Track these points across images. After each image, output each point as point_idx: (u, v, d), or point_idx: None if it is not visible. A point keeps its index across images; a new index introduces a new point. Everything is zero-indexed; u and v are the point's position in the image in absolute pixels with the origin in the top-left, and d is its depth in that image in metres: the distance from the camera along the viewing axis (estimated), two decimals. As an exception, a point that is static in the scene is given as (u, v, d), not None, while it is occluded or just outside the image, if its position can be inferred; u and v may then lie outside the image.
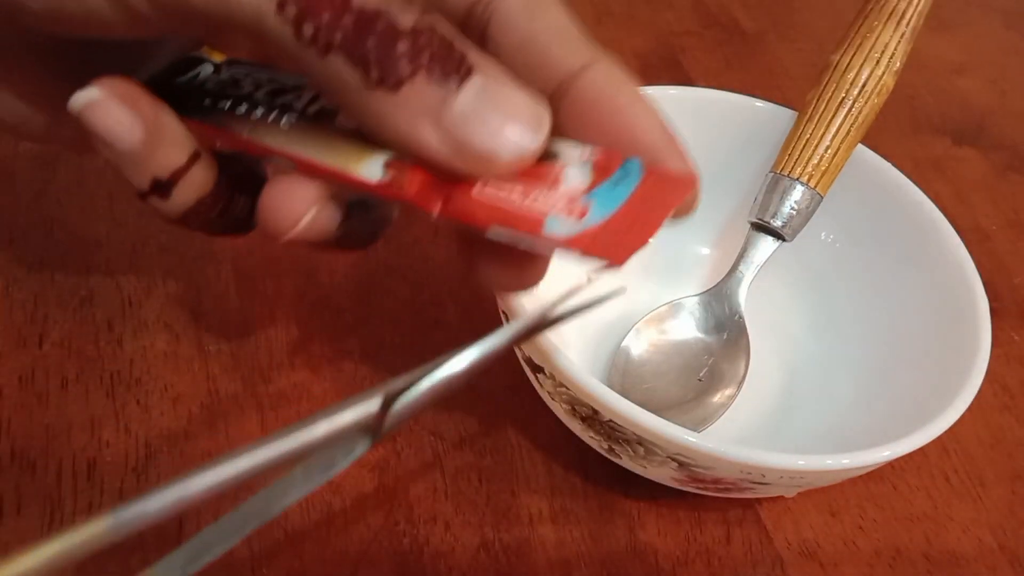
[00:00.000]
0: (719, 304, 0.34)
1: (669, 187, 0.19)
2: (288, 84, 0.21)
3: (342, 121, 0.19)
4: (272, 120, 0.20)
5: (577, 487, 0.31)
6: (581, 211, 0.18)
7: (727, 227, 0.37)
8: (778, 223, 0.33)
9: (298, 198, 0.19)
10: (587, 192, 0.18)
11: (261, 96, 0.20)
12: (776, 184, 0.33)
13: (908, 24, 0.33)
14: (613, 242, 0.18)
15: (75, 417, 0.31)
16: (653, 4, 0.53)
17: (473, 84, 0.17)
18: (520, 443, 0.32)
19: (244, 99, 0.21)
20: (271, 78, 0.21)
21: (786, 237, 0.33)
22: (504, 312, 0.28)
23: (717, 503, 0.31)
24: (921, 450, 0.26)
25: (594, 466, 0.31)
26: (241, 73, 0.22)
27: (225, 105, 0.21)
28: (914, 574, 0.31)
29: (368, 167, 0.19)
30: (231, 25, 0.17)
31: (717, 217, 0.38)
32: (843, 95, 0.33)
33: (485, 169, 0.18)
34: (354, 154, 0.19)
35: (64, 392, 0.31)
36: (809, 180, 0.33)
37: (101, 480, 0.29)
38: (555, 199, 0.18)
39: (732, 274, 0.34)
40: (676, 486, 0.29)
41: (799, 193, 0.33)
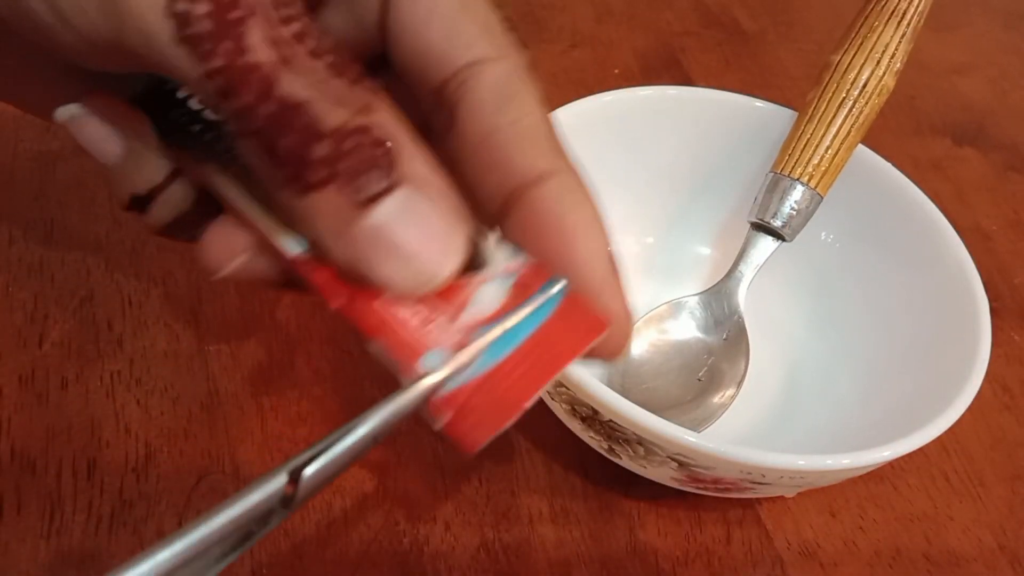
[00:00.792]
0: (719, 304, 0.34)
1: (581, 327, 0.17)
2: None
3: None
4: (228, 156, 0.19)
5: (577, 487, 0.31)
6: (464, 348, 0.16)
7: (727, 227, 0.37)
8: (778, 223, 0.33)
9: (230, 242, 0.19)
10: (491, 320, 0.16)
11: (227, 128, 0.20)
12: (776, 184, 0.33)
13: (908, 24, 0.33)
14: (478, 416, 0.16)
15: (75, 417, 0.31)
16: (653, 4, 0.53)
17: (393, 200, 0.16)
18: (520, 443, 0.32)
19: (213, 127, 0.20)
20: None
21: (786, 237, 0.33)
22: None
23: (717, 503, 0.31)
24: (921, 450, 0.26)
25: (594, 466, 0.31)
26: None
27: (196, 128, 0.20)
28: (914, 574, 0.31)
29: (291, 239, 0.17)
30: (173, 78, 0.16)
31: (717, 217, 0.38)
32: (843, 95, 0.33)
33: (383, 288, 0.16)
34: (284, 220, 0.18)
35: (64, 392, 0.31)
36: (809, 180, 0.33)
37: (101, 480, 0.29)
38: (449, 331, 0.16)
39: (732, 274, 0.34)
40: (676, 486, 0.29)
41: (799, 193, 0.33)
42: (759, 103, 0.36)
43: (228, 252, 0.19)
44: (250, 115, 0.15)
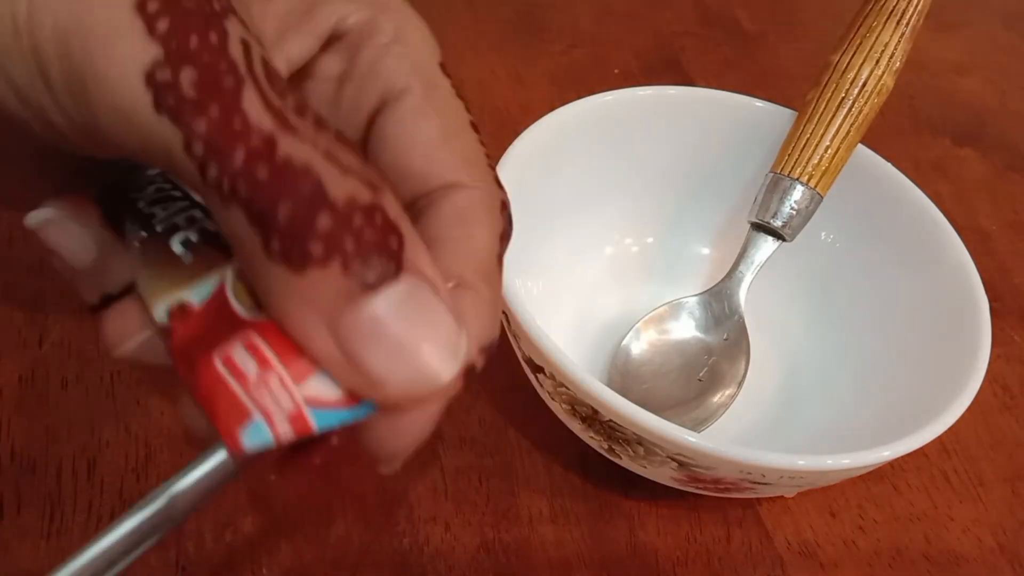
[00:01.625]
0: (719, 304, 0.34)
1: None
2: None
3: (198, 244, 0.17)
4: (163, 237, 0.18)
5: (577, 487, 0.31)
6: (301, 426, 0.14)
7: (727, 227, 0.37)
8: (778, 223, 0.33)
9: (125, 321, 0.18)
10: (332, 406, 0.15)
11: (181, 220, 0.18)
12: (776, 184, 0.33)
13: (908, 24, 0.33)
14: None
15: (75, 417, 0.31)
16: (653, 4, 0.53)
17: (396, 290, 0.14)
18: (520, 443, 0.32)
19: (167, 219, 0.18)
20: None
21: (786, 237, 0.33)
22: (503, 312, 0.28)
23: (717, 503, 0.31)
24: (921, 450, 0.26)
25: (594, 466, 0.31)
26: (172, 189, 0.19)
27: (154, 222, 0.18)
28: (914, 574, 0.31)
29: (160, 306, 0.16)
30: (147, 157, 0.15)
31: (717, 217, 0.38)
32: (843, 95, 0.33)
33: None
34: (162, 287, 0.16)
35: (64, 392, 0.31)
36: (809, 180, 0.33)
37: (101, 480, 0.29)
38: (282, 400, 0.14)
39: (732, 274, 0.34)
40: (676, 486, 0.29)
41: (799, 193, 0.33)
42: (759, 103, 0.36)
43: (124, 330, 0.18)
44: (244, 178, 0.14)
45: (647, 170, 0.37)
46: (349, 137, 0.16)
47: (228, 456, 0.15)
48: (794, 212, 0.33)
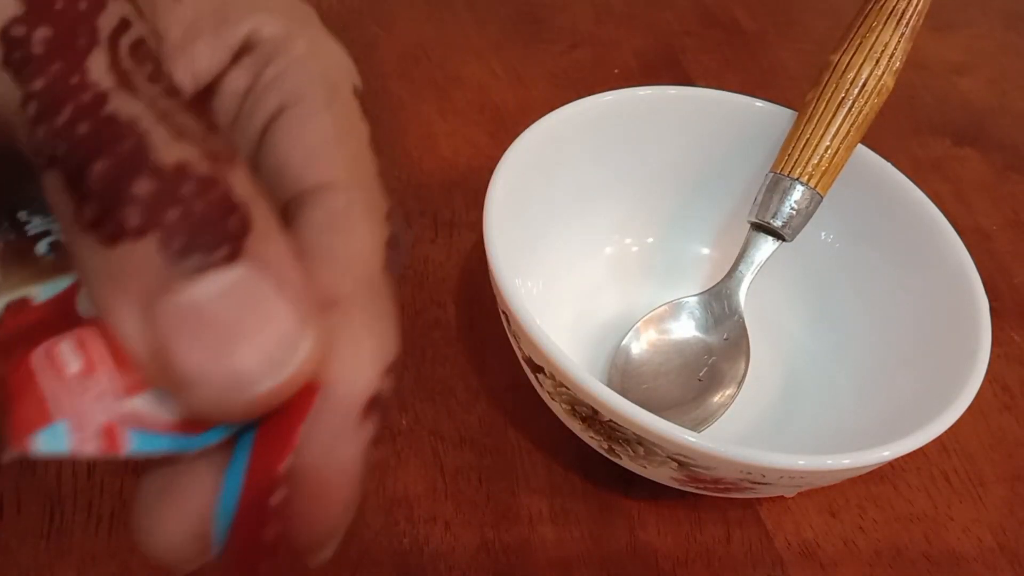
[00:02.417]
0: (719, 304, 0.34)
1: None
2: None
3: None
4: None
5: (577, 487, 0.31)
6: (110, 443, 0.12)
7: (727, 227, 0.37)
8: (778, 223, 0.33)
9: None
10: (159, 430, 0.13)
11: (56, 227, 0.16)
12: (776, 184, 0.33)
13: (908, 24, 0.33)
14: None
15: (75, 417, 0.31)
16: (653, 4, 0.53)
17: (227, 276, 0.12)
18: (520, 443, 0.32)
19: (42, 226, 0.16)
20: None
21: (786, 237, 0.33)
22: (503, 312, 0.28)
23: (717, 503, 0.31)
24: (921, 450, 0.26)
25: (594, 466, 0.31)
26: None
27: (28, 227, 0.16)
28: (914, 574, 0.31)
29: (0, 300, 0.15)
30: None
31: (717, 217, 0.38)
32: (843, 95, 0.33)
33: (178, 396, 0.12)
34: (11, 283, 0.15)
35: (64, 392, 0.31)
36: (809, 180, 0.33)
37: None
38: (97, 409, 0.12)
39: (732, 274, 0.34)
40: (676, 486, 0.29)
41: (799, 193, 0.33)
42: (759, 103, 0.36)
43: None
44: (65, 134, 0.12)
45: (647, 170, 0.37)
46: (231, 142, 0.15)
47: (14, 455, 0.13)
48: (794, 212, 0.33)
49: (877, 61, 0.33)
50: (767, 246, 0.34)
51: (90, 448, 0.12)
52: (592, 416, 0.27)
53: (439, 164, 0.42)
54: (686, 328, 0.34)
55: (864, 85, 0.33)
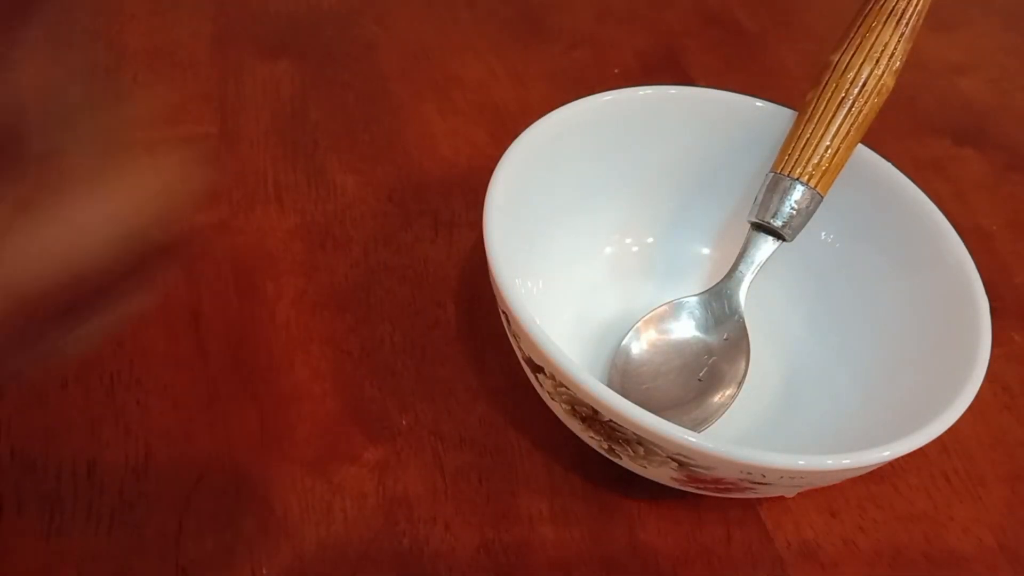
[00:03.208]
0: (719, 304, 0.34)
1: None
2: None
3: None
4: None
5: (577, 487, 0.31)
6: None
7: (727, 227, 0.37)
8: (778, 223, 0.33)
9: None
10: None
11: None
12: (776, 184, 0.33)
13: (908, 24, 0.33)
14: None
15: (75, 417, 0.31)
16: (653, 4, 0.53)
17: None
18: (520, 443, 0.32)
19: None
20: None
21: (786, 237, 0.33)
22: (503, 312, 0.28)
23: (717, 503, 0.31)
24: (921, 450, 0.26)
25: (594, 466, 0.31)
26: None
27: None
28: (914, 574, 0.31)
29: None
30: None
31: (717, 217, 0.38)
32: (843, 95, 0.33)
33: None
34: None
35: (64, 392, 0.31)
36: (809, 180, 0.33)
37: (101, 480, 0.29)
38: None
39: (732, 274, 0.34)
40: (676, 486, 0.29)
41: (799, 193, 0.33)
42: (759, 103, 0.36)
43: None
44: None
45: (647, 170, 0.37)
46: None
47: None
48: (794, 212, 0.33)
49: (877, 61, 0.33)
50: (767, 246, 0.34)
51: None
52: (592, 416, 0.27)
53: (439, 164, 0.42)
54: (686, 328, 0.34)
55: (864, 85, 0.33)
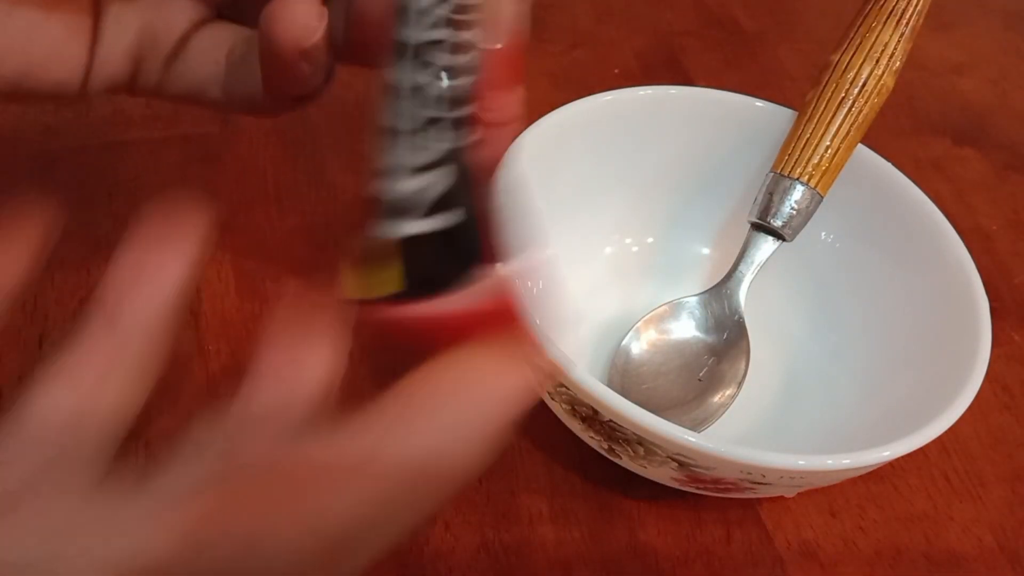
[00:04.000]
0: (719, 304, 0.34)
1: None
2: None
3: None
4: None
5: (577, 487, 0.31)
6: None
7: (727, 227, 0.37)
8: (778, 223, 0.33)
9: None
10: None
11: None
12: (776, 184, 0.33)
13: (908, 24, 0.33)
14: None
15: (75, 417, 0.31)
16: (653, 4, 0.53)
17: None
18: (520, 443, 0.32)
19: None
20: None
21: (786, 237, 0.33)
22: (504, 312, 0.28)
23: (717, 503, 0.31)
24: (921, 450, 0.26)
25: (594, 466, 0.31)
26: None
27: None
28: (914, 574, 0.31)
29: None
30: None
31: (717, 217, 0.38)
32: (843, 95, 0.33)
33: None
34: None
35: (64, 392, 0.31)
36: (809, 180, 0.33)
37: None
38: None
39: (732, 274, 0.34)
40: (676, 486, 0.29)
41: (799, 193, 0.33)
42: (759, 103, 0.36)
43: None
44: None
45: (647, 170, 0.37)
46: None
47: None
48: (794, 212, 0.33)
49: (877, 61, 0.33)
50: (767, 246, 0.34)
51: None
52: (592, 416, 0.27)
53: (439, 164, 0.42)
54: (686, 328, 0.34)
55: (864, 85, 0.33)
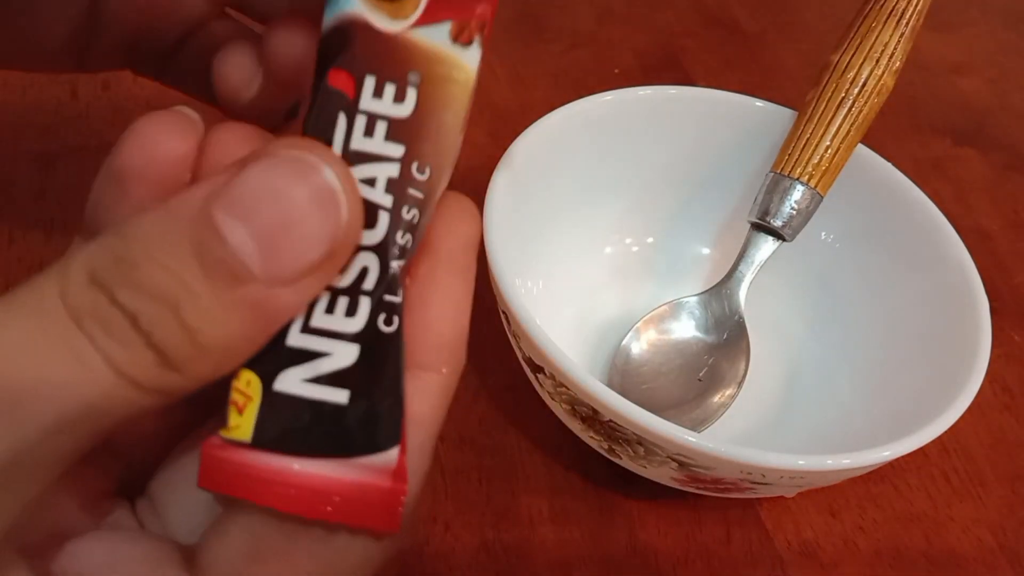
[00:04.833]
0: (719, 304, 0.34)
1: None
2: None
3: None
4: None
5: (577, 487, 0.31)
6: None
7: (727, 227, 0.37)
8: (778, 223, 0.33)
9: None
10: None
11: None
12: (776, 184, 0.33)
13: (908, 24, 0.33)
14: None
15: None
16: (653, 4, 0.53)
17: None
18: (520, 443, 0.32)
19: None
20: None
21: (786, 237, 0.33)
22: (503, 312, 0.28)
23: (717, 503, 0.31)
24: (921, 450, 0.26)
25: (594, 466, 0.31)
26: None
27: None
28: (914, 574, 0.31)
29: None
30: None
31: (717, 217, 0.38)
32: (843, 95, 0.33)
33: None
34: None
35: (64, 392, 0.31)
36: (809, 180, 0.33)
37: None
38: None
39: (732, 274, 0.34)
40: (676, 486, 0.29)
41: (799, 193, 0.33)
42: (759, 103, 0.36)
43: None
44: None
45: (647, 170, 0.37)
46: None
47: None
48: (794, 212, 0.33)
49: (877, 61, 0.33)
50: (767, 246, 0.34)
51: None
52: (592, 416, 0.27)
53: (439, 164, 0.42)
54: (686, 328, 0.34)
55: (864, 85, 0.33)
